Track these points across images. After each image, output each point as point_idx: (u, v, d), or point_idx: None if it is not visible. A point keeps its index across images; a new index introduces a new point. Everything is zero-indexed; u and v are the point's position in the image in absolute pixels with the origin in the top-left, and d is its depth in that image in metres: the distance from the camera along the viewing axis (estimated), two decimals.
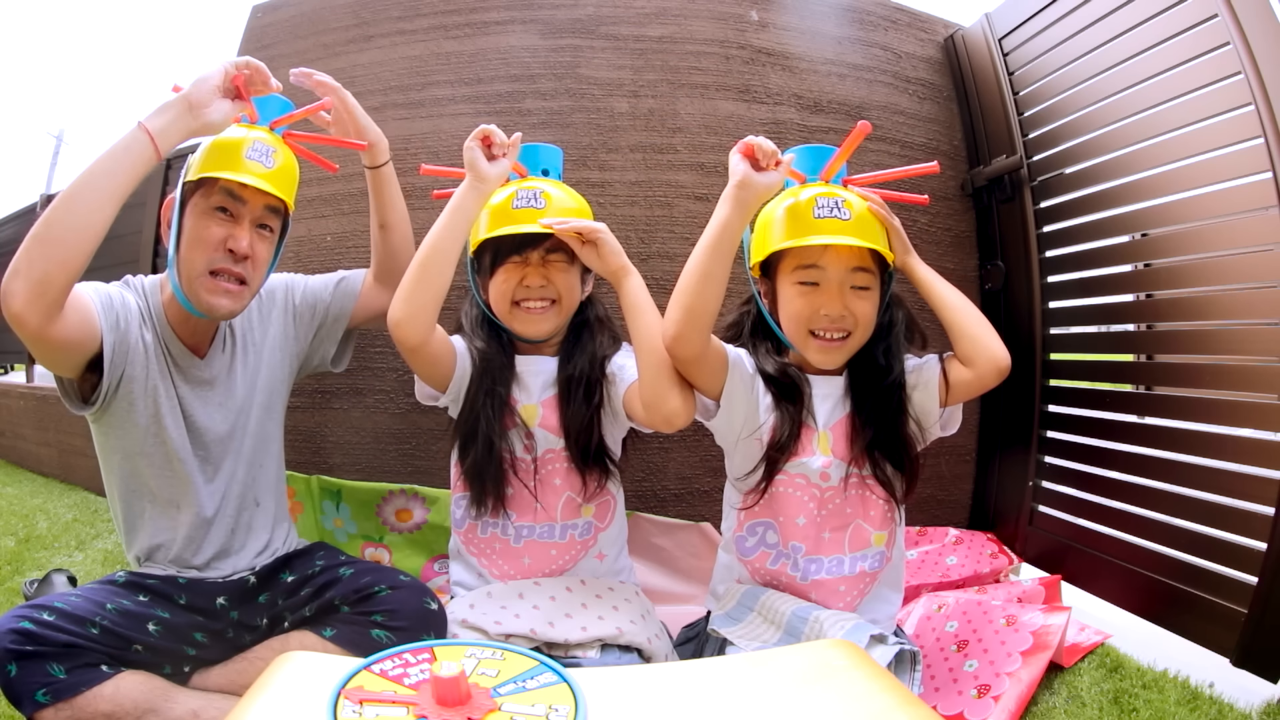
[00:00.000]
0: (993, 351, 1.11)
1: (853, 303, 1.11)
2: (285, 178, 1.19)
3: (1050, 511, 1.66)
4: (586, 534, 1.22)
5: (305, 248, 1.83)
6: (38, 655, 0.97)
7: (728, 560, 1.22)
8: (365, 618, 1.11)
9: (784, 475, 1.15)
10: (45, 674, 0.97)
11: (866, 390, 1.15)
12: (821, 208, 1.10)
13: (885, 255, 1.12)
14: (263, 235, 1.19)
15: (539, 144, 1.33)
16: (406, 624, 1.09)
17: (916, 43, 1.94)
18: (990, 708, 1.10)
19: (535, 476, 1.21)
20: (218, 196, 1.14)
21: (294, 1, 1.99)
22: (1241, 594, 1.20)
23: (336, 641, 1.09)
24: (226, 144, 1.14)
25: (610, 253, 1.17)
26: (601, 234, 1.16)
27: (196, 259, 1.13)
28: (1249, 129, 1.22)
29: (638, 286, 1.16)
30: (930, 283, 1.18)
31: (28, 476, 3.07)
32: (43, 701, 0.96)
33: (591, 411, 1.21)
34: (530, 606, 1.14)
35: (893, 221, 1.16)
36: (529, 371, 1.25)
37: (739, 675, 0.75)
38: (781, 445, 1.14)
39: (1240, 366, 1.31)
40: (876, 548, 1.15)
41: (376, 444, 1.73)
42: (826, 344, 1.13)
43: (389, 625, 1.10)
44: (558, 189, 1.26)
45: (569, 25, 1.80)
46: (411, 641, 0.96)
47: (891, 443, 1.14)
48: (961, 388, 1.14)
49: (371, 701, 0.60)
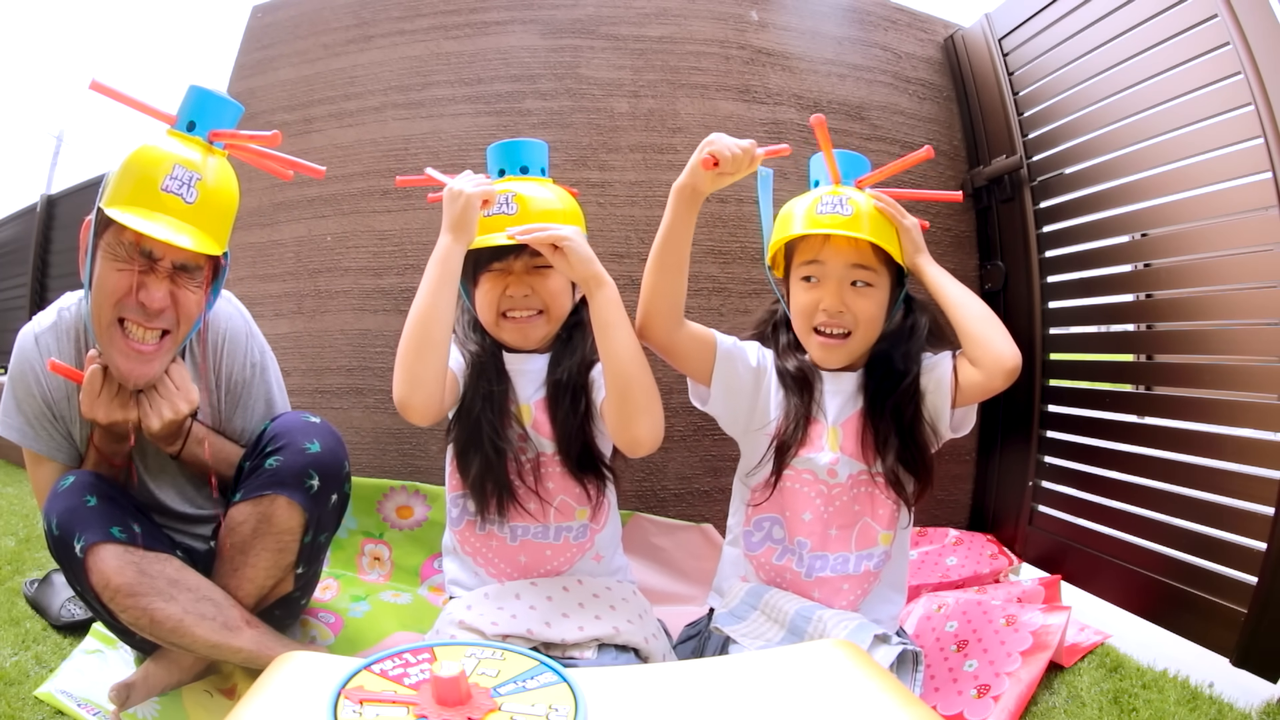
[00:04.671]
0: (999, 352, 1.08)
1: (852, 300, 1.11)
2: (213, 213, 0.98)
3: (1050, 511, 1.66)
4: (582, 536, 1.22)
5: (305, 248, 1.83)
6: (122, 505, 1.03)
7: (734, 555, 1.22)
8: (257, 458, 1.08)
9: (791, 470, 1.14)
10: (125, 521, 1.00)
11: (881, 390, 1.14)
12: (825, 204, 1.11)
13: (889, 252, 1.11)
14: (186, 283, 1.01)
15: (520, 140, 1.24)
16: (286, 440, 1.07)
17: (916, 43, 1.95)
18: (990, 708, 1.10)
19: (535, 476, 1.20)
20: (127, 242, 0.97)
21: (294, 1, 2.00)
22: (1241, 594, 1.20)
23: (244, 499, 1.06)
24: (142, 166, 0.94)
25: (579, 260, 1.07)
26: (569, 241, 1.07)
27: (104, 306, 0.98)
28: (1249, 129, 1.22)
29: (609, 300, 1.07)
30: (939, 283, 1.15)
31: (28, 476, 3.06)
32: (118, 538, 0.97)
33: (579, 420, 1.17)
34: (527, 607, 1.13)
35: (903, 220, 1.14)
36: (519, 370, 1.21)
37: (739, 675, 0.75)
38: (789, 439, 1.14)
39: (1240, 366, 1.31)
40: (883, 547, 1.15)
41: (376, 443, 1.73)
42: (826, 340, 1.12)
43: (272, 450, 1.07)
44: (536, 187, 1.18)
45: (569, 25, 1.80)
46: (297, 449, 1.06)
47: (904, 445, 1.12)
48: (971, 389, 1.11)
49: (372, 701, 0.60)
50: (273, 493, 1.05)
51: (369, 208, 1.80)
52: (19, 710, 1.10)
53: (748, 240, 1.74)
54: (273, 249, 1.87)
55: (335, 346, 1.78)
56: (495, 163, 1.22)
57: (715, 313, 1.73)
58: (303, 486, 1.06)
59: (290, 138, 1.89)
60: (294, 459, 1.06)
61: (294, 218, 1.86)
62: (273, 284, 1.86)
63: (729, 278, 1.74)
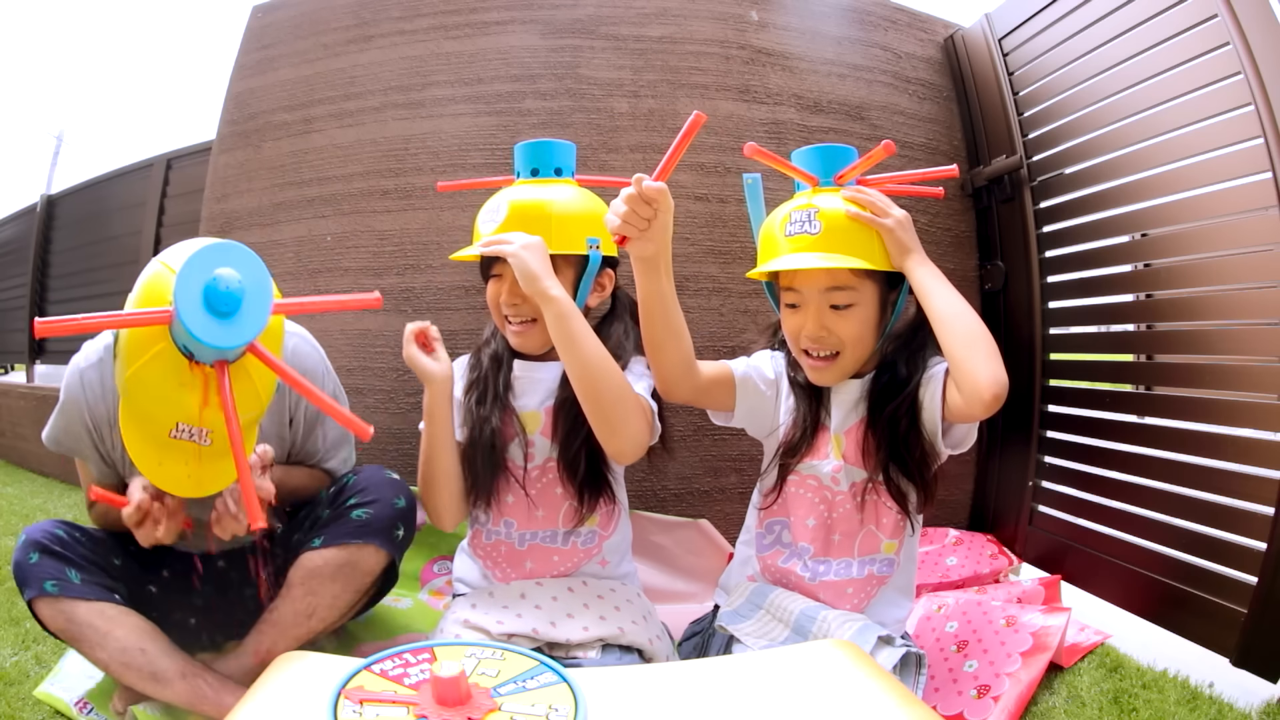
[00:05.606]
0: (977, 380, 0.95)
1: (833, 322, 1.06)
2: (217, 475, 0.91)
3: (1050, 511, 1.66)
4: (590, 542, 1.22)
5: (305, 248, 1.83)
6: (63, 558, 1.05)
7: (745, 555, 1.22)
8: (343, 507, 1.14)
9: (796, 475, 1.14)
10: (62, 573, 1.04)
11: (883, 398, 1.10)
12: (794, 223, 1.06)
13: (865, 267, 1.03)
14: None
15: (535, 141, 1.22)
16: (375, 495, 1.14)
17: (916, 43, 1.95)
18: (990, 708, 1.10)
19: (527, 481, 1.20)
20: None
21: (294, 1, 1.99)
22: (1241, 594, 1.20)
23: (327, 544, 1.11)
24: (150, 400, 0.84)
25: (522, 277, 1.04)
26: (514, 257, 1.04)
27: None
28: (1249, 129, 1.22)
29: (556, 316, 1.02)
30: (926, 291, 1.03)
31: (28, 476, 3.07)
32: (49, 592, 1.03)
33: (580, 441, 1.15)
34: (532, 606, 1.13)
35: (882, 221, 1.04)
36: (531, 379, 1.21)
37: (739, 675, 0.75)
38: (793, 447, 1.13)
39: (1240, 366, 1.31)
40: (886, 555, 1.13)
41: (376, 443, 1.73)
42: (815, 363, 1.10)
43: (361, 503, 1.13)
44: (541, 189, 1.16)
45: (569, 25, 1.80)
46: (388, 504, 1.15)
47: (903, 455, 1.09)
48: (954, 410, 1.02)
49: (372, 701, 0.60)
50: (361, 541, 1.12)
51: (369, 208, 1.80)
52: (19, 710, 1.11)
53: (748, 240, 1.73)
54: (273, 249, 1.86)
55: (335, 346, 1.78)
56: (517, 163, 1.23)
57: (715, 313, 1.73)
58: (391, 536, 1.15)
59: (290, 138, 1.89)
60: (384, 512, 1.14)
61: (294, 218, 1.86)
62: None
63: (729, 277, 1.73)
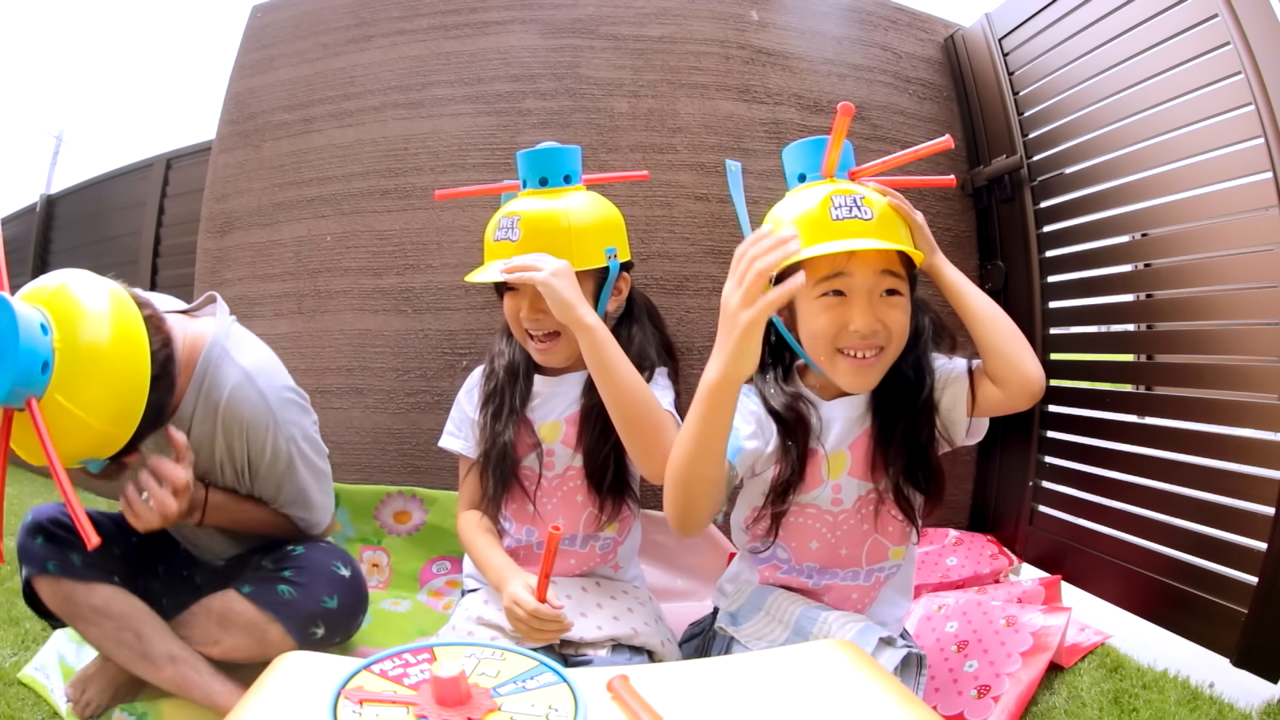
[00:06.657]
0: (1027, 373, 0.97)
1: (885, 313, 0.97)
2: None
3: (1050, 511, 1.66)
4: (606, 548, 1.23)
5: (305, 248, 1.83)
6: (66, 542, 1.07)
7: (742, 564, 1.21)
8: (276, 573, 1.12)
9: (795, 507, 1.07)
10: (63, 555, 1.07)
11: (894, 409, 1.04)
12: (839, 207, 0.95)
13: (914, 257, 0.97)
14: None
15: (559, 146, 1.16)
16: (308, 581, 1.11)
17: (916, 43, 1.95)
18: (990, 708, 1.10)
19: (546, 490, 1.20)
20: None
21: (294, 1, 1.99)
22: (1241, 594, 1.20)
23: (251, 598, 1.10)
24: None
25: (557, 305, 1.01)
26: (547, 286, 1.01)
27: None
28: (1249, 129, 1.22)
29: (593, 344, 1.01)
30: (960, 289, 1.03)
31: (28, 476, 3.06)
32: (50, 571, 1.06)
33: (609, 449, 1.14)
34: None
35: (915, 217, 1.02)
36: (552, 392, 1.20)
37: (739, 675, 0.75)
38: (783, 490, 1.04)
39: (1240, 366, 1.31)
40: (894, 561, 1.12)
41: (376, 443, 1.73)
42: (858, 364, 0.98)
43: (293, 581, 1.11)
44: (553, 201, 1.12)
45: (569, 25, 1.80)
46: (314, 598, 1.10)
47: (917, 464, 1.05)
48: (989, 405, 1.01)
49: (371, 701, 0.60)
50: (277, 619, 1.09)
51: (369, 208, 1.80)
52: (19, 710, 1.11)
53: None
54: (273, 249, 1.87)
55: (335, 346, 1.78)
56: (522, 171, 1.18)
57: (715, 313, 1.72)
58: (305, 632, 1.11)
59: (290, 137, 1.89)
60: (307, 605, 1.10)
61: (294, 218, 1.86)
62: (273, 284, 1.86)
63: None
